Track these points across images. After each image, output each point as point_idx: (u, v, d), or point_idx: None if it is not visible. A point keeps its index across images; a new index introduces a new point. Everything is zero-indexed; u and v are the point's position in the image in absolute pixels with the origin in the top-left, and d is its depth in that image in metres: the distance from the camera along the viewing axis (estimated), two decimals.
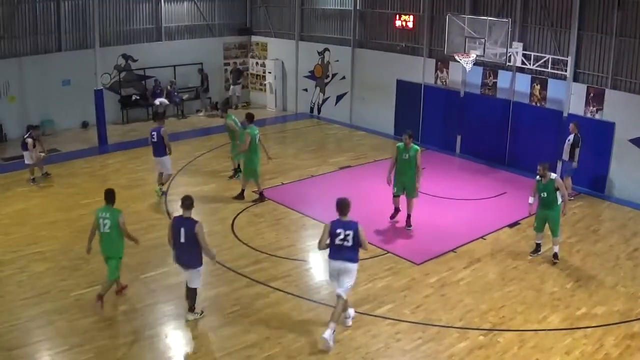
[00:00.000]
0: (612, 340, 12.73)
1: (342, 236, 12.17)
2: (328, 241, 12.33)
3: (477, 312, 13.81)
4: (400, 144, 17.98)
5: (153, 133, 19.71)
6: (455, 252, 16.86)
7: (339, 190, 21.08)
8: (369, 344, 12.50)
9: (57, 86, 27.56)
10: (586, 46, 21.82)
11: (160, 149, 19.74)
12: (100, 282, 13.88)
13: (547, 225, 16.11)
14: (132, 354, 11.94)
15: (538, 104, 23.28)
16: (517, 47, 22.82)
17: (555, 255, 16.25)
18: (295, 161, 24.44)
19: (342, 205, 12.37)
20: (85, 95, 26.58)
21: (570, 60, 21.89)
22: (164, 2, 31.35)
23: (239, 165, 21.58)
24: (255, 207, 19.50)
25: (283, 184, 21.93)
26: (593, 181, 21.53)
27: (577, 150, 20.42)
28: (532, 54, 22.60)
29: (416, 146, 17.88)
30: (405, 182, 17.98)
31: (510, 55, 22.40)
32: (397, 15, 27.60)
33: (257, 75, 34.80)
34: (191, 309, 13.22)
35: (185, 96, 31.60)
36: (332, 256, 12.43)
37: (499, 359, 12.11)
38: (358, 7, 29.65)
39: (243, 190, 20.15)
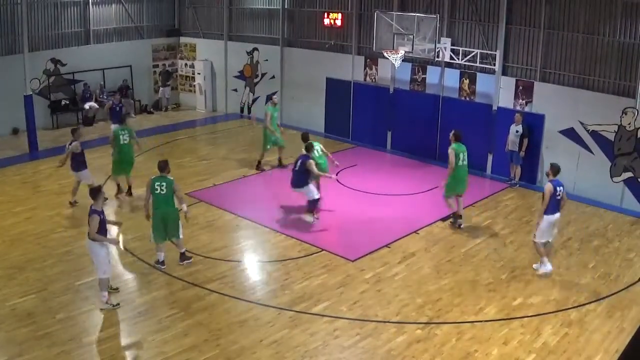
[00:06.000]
0: (549, 329, 12.84)
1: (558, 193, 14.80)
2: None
3: (414, 306, 13.78)
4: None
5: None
6: (389, 247, 16.80)
7: (271, 190, 21.17)
8: (307, 342, 12.35)
9: None
10: (514, 40, 22.07)
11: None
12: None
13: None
14: None
15: (467, 99, 23.45)
16: (446, 43, 22.98)
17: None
18: (226, 162, 24.06)
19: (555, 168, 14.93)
20: (15, 101, 25.61)
21: (498, 54, 22.10)
22: (92, 5, 30.58)
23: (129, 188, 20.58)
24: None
25: (215, 185, 21.50)
26: (525, 172, 21.71)
27: (526, 141, 20.92)
28: (461, 49, 22.78)
29: (453, 144, 17.72)
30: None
31: (439, 51, 22.52)
32: (326, 14, 27.52)
33: (186, 76, 34.28)
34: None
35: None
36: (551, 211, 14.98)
37: (437, 352, 12.07)
38: (286, 6, 29.43)
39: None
